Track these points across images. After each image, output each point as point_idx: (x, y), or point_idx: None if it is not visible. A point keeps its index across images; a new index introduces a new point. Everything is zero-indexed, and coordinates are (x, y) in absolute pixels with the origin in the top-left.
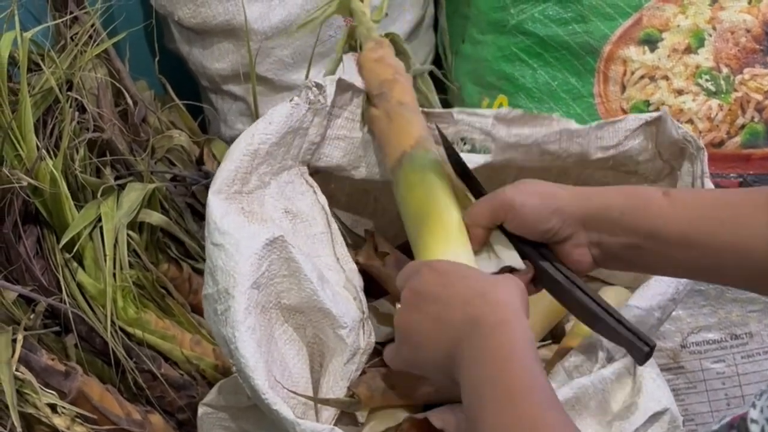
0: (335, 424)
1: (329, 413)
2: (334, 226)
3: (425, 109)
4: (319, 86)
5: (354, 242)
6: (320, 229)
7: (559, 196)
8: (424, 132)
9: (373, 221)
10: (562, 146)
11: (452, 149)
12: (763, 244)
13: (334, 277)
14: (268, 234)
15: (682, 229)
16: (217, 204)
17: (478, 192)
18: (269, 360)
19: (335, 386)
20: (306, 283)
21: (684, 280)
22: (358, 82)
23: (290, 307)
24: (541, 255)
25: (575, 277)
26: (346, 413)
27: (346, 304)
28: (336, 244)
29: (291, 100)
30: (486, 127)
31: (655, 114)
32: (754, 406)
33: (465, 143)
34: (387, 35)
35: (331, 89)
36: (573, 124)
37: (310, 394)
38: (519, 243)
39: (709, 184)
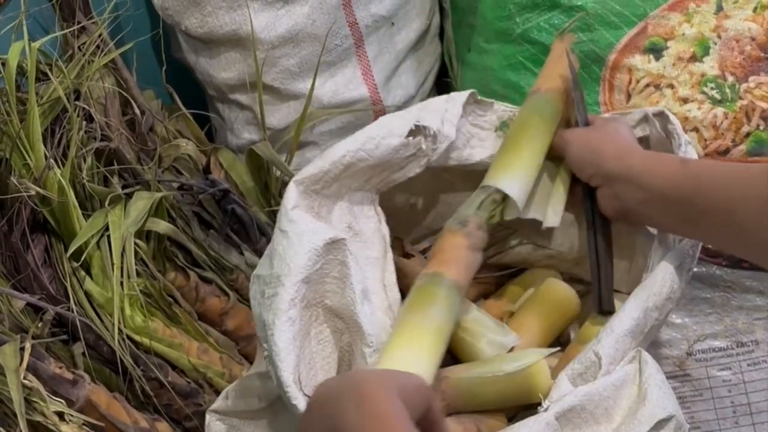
0: None
1: None
2: (390, 255)
3: (476, 97)
4: (434, 138)
5: None
6: (375, 254)
7: (602, 151)
8: None
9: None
10: None
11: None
12: (756, 210)
13: (377, 299)
14: (332, 234)
15: (685, 193)
16: (294, 193)
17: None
18: (300, 355)
19: None
20: (349, 291)
21: (677, 279)
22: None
23: (332, 309)
24: (586, 193)
25: (599, 222)
26: None
27: (380, 327)
28: (387, 272)
29: (407, 137)
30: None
31: (658, 109)
32: None
33: (504, 127)
34: None
35: (442, 146)
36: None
37: None
38: (588, 207)
39: None
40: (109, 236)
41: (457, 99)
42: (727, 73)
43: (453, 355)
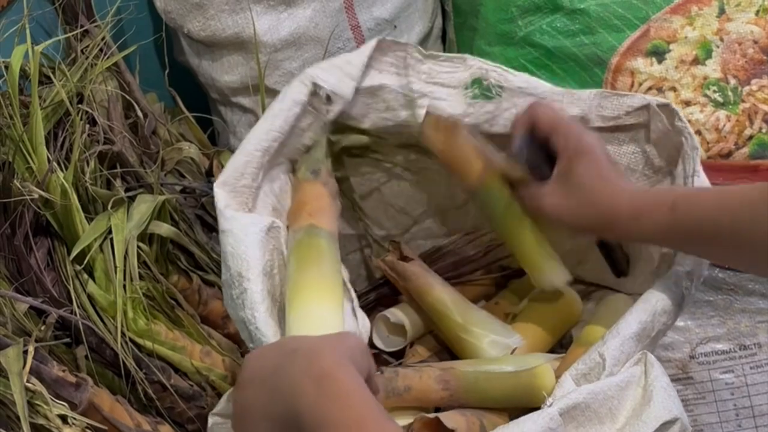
0: None
1: None
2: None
3: (434, 53)
4: (329, 99)
5: (376, 251)
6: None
7: (583, 213)
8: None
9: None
10: (565, 104)
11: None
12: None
13: None
14: (267, 221)
15: (678, 242)
16: (220, 195)
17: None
18: None
19: None
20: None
21: (688, 285)
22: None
23: (282, 304)
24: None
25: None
26: None
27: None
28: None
29: (303, 103)
30: (498, 71)
31: (663, 100)
32: None
33: (476, 84)
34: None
35: (337, 107)
36: (578, 90)
37: None
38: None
39: (699, 182)
40: (111, 239)
41: (363, 51)
42: (730, 76)
43: (455, 356)
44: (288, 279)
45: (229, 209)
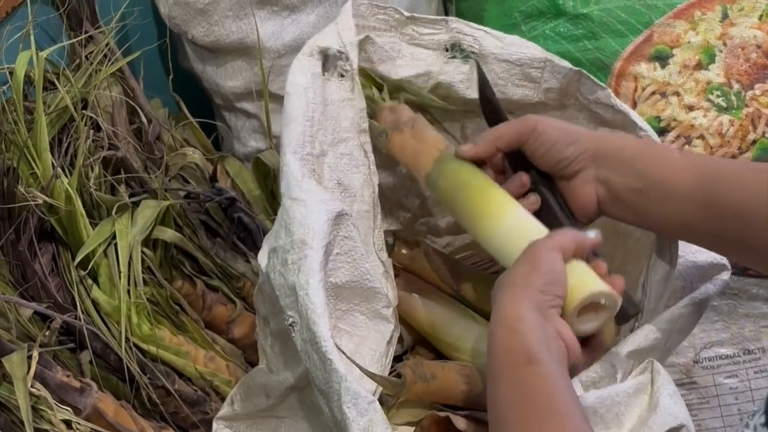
0: None
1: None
2: (378, 209)
3: (417, 15)
4: (342, 54)
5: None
6: (366, 207)
7: (580, 131)
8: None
9: None
10: (544, 76)
11: (487, 86)
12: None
13: (372, 261)
14: (338, 207)
15: (687, 185)
16: (295, 163)
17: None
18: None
19: (371, 366)
20: (362, 261)
21: (709, 304)
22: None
23: (334, 286)
24: (549, 189)
25: (577, 222)
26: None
27: (385, 286)
28: (375, 228)
29: (323, 75)
30: (479, 36)
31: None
32: (747, 426)
33: (456, 48)
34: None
35: (354, 54)
36: (559, 59)
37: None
38: (532, 171)
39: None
40: (116, 245)
41: (344, 12)
42: (733, 81)
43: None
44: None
45: (305, 180)
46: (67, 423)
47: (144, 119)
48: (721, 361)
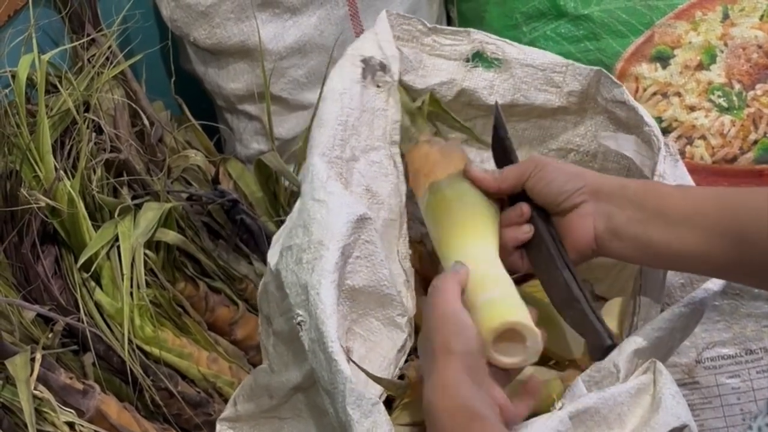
0: None
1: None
2: (405, 218)
3: (438, 26)
4: (383, 66)
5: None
6: (393, 216)
7: (581, 170)
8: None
9: None
10: (566, 80)
11: (502, 126)
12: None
13: (395, 269)
14: (362, 210)
15: (686, 212)
16: (321, 165)
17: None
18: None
19: (379, 372)
20: (380, 267)
21: (710, 301)
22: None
23: (351, 288)
24: (544, 222)
25: (569, 259)
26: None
27: (405, 295)
28: (401, 237)
29: (362, 81)
30: (501, 45)
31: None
32: (750, 427)
33: (479, 57)
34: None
35: (395, 66)
36: (581, 65)
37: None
38: (530, 205)
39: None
40: (118, 247)
41: (380, 23)
42: (734, 81)
43: None
44: (434, 242)
45: (330, 181)
46: (71, 425)
47: (146, 122)
48: (723, 361)
